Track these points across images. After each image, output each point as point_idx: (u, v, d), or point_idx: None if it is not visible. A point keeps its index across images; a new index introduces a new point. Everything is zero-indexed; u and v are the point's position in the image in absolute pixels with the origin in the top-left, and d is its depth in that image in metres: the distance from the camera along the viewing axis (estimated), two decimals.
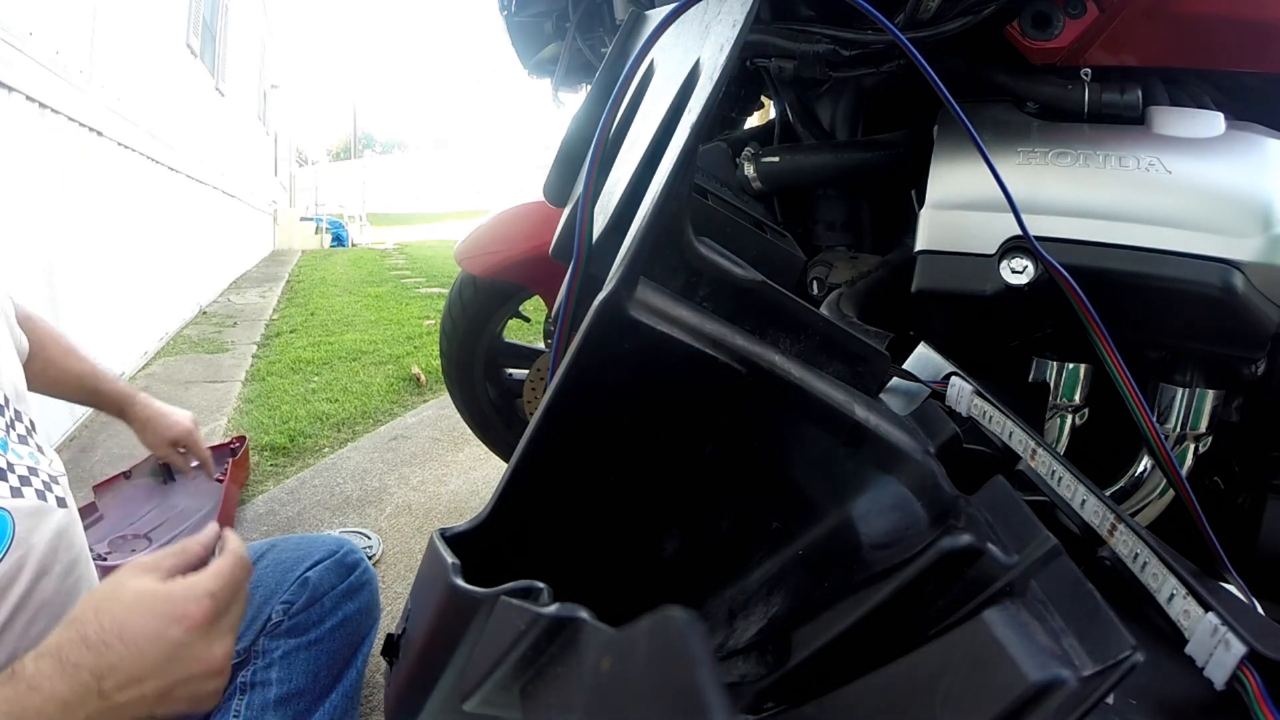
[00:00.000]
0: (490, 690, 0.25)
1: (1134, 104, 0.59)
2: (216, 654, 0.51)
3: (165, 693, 0.49)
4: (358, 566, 0.87)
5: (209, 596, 0.50)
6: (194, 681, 0.50)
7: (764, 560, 0.33)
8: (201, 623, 0.49)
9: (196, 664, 0.49)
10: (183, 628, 0.49)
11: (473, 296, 1.39)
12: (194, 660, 0.49)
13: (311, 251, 9.84)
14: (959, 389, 0.42)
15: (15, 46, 1.94)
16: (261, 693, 0.78)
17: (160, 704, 0.49)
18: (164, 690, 0.48)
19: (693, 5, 0.34)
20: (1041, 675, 0.21)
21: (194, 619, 0.49)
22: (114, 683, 0.47)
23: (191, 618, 0.49)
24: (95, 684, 0.46)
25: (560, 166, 0.47)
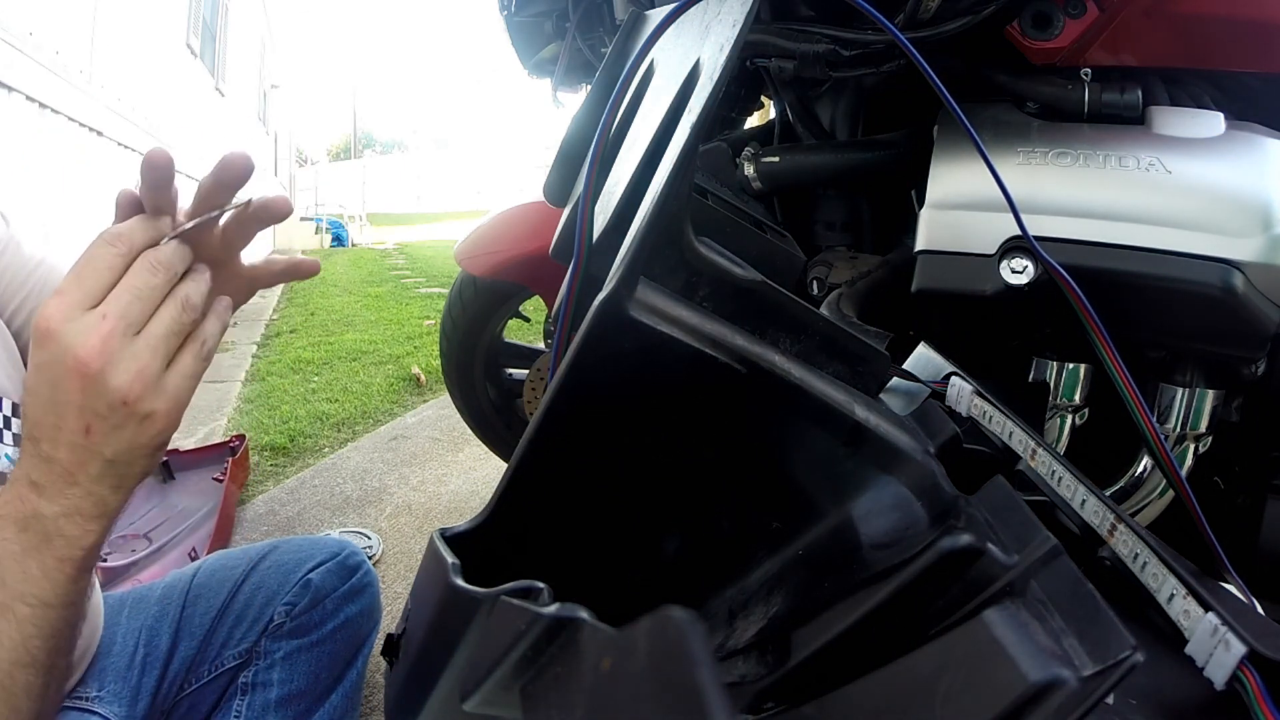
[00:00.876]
0: (490, 690, 0.25)
1: (1134, 104, 0.59)
2: (88, 349, 0.40)
3: (89, 429, 0.41)
4: (360, 568, 0.88)
5: (56, 295, 0.40)
6: (100, 401, 0.41)
7: (764, 560, 0.33)
8: (48, 328, 0.40)
9: (75, 374, 0.40)
10: (38, 344, 0.40)
11: (473, 296, 1.39)
12: (70, 371, 0.40)
13: (311, 251, 9.84)
14: (959, 389, 0.42)
15: (15, 46, 1.94)
16: (263, 693, 0.78)
17: (101, 445, 0.42)
18: (85, 425, 0.41)
19: (693, 5, 0.34)
20: (1041, 675, 0.21)
21: (40, 327, 0.40)
22: (45, 441, 0.41)
23: (39, 327, 0.40)
24: (36, 449, 0.42)
25: (560, 166, 0.47)
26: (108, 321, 0.41)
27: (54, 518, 0.42)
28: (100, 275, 0.42)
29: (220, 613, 0.79)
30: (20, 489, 0.42)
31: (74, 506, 0.43)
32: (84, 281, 0.42)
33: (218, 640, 0.79)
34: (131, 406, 0.42)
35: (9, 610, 0.42)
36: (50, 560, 0.43)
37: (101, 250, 0.42)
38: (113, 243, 0.42)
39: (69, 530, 0.43)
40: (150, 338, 0.43)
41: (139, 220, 0.44)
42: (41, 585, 0.43)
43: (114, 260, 0.42)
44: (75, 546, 0.43)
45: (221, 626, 0.79)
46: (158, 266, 0.43)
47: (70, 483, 0.42)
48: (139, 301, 0.42)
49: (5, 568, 0.42)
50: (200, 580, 0.81)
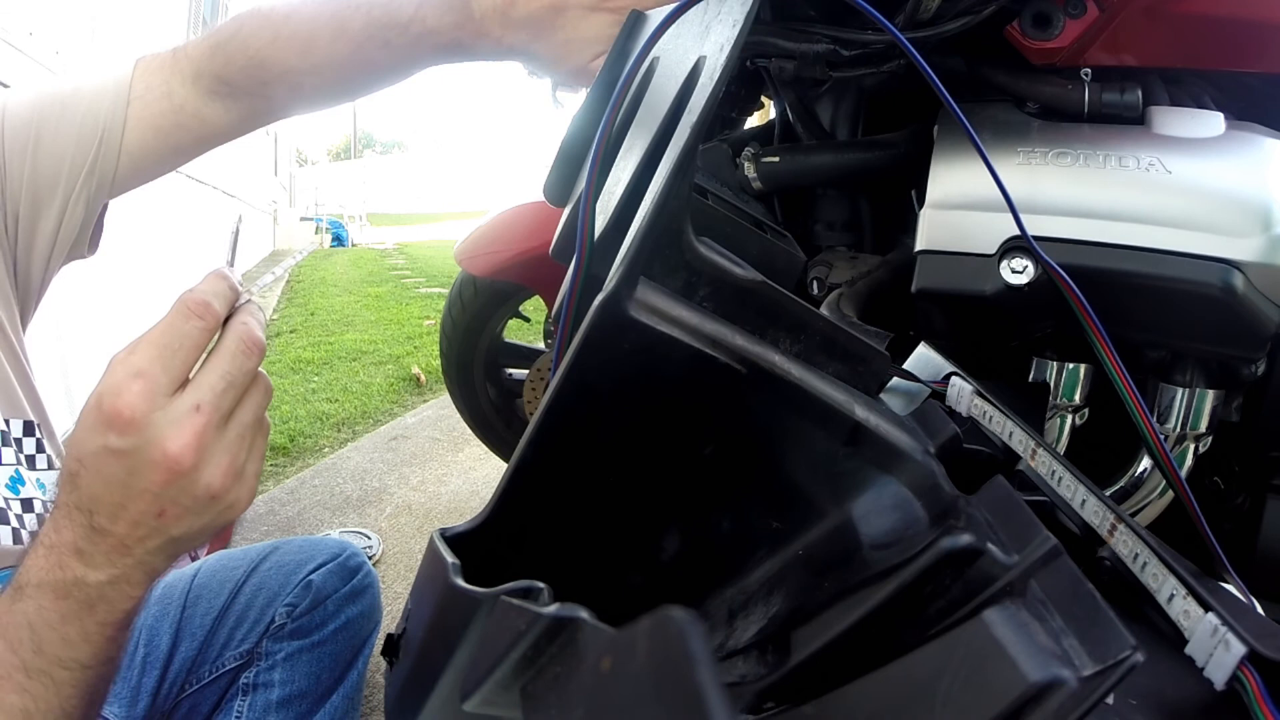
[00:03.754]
0: (490, 690, 0.25)
1: (1134, 104, 0.59)
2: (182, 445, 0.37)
3: (163, 513, 0.39)
4: (361, 569, 0.88)
5: (137, 378, 0.37)
6: (186, 494, 0.39)
7: (764, 560, 0.33)
8: (132, 417, 0.37)
9: (163, 469, 0.38)
10: (114, 431, 0.37)
11: (473, 296, 1.39)
12: (157, 465, 0.38)
13: (311, 251, 9.84)
14: (959, 389, 0.42)
15: (15, 46, 1.94)
16: (264, 694, 0.78)
17: (171, 527, 0.40)
18: (160, 510, 0.39)
19: (693, 5, 0.34)
20: (1041, 675, 0.21)
21: (123, 415, 0.37)
22: (103, 515, 0.39)
23: (120, 414, 0.37)
24: (88, 520, 0.39)
25: (560, 166, 0.47)
26: (202, 415, 0.38)
27: (98, 585, 0.40)
28: (187, 354, 0.39)
29: (221, 613, 0.80)
30: (61, 555, 0.40)
31: (123, 575, 0.40)
32: (169, 363, 0.38)
33: (218, 641, 0.79)
34: (219, 499, 0.40)
35: (47, 675, 0.40)
36: (91, 625, 0.40)
37: (188, 325, 0.39)
38: (201, 315, 0.39)
39: (113, 596, 0.40)
40: (241, 428, 0.40)
41: (218, 280, 0.41)
42: (81, 649, 0.40)
43: (200, 336, 0.39)
44: (117, 610, 0.41)
45: (222, 627, 0.79)
46: (251, 348, 0.40)
47: (124, 554, 0.40)
48: (232, 390, 0.39)
49: (42, 636, 0.40)
50: (201, 581, 0.82)
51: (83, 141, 0.61)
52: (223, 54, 0.62)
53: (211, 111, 0.64)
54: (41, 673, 0.40)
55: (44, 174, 0.60)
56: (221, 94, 0.63)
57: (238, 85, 0.63)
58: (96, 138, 0.61)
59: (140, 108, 0.62)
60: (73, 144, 0.61)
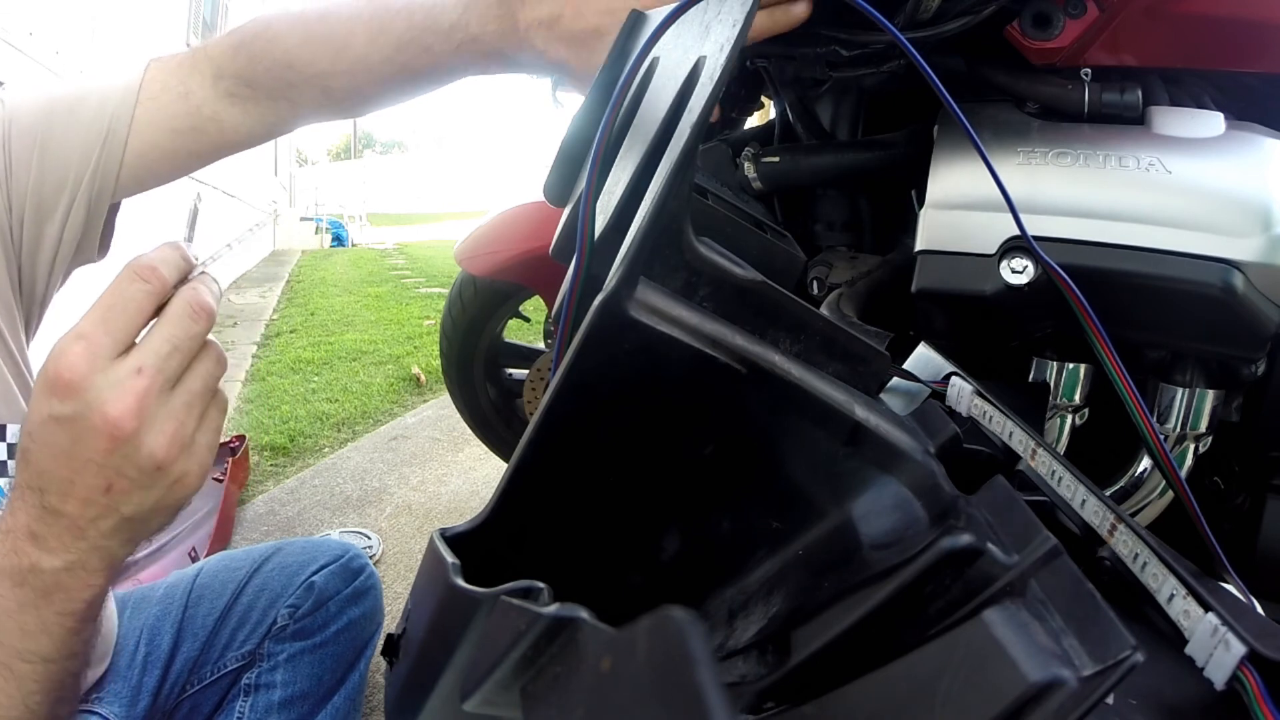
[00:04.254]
0: (490, 690, 0.25)
1: (1134, 104, 0.59)
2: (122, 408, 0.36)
3: (110, 487, 0.37)
4: (363, 571, 0.88)
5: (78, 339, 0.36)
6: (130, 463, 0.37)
7: (764, 560, 0.33)
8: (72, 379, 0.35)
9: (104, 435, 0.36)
10: (57, 395, 0.36)
11: (473, 296, 1.39)
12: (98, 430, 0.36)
13: (311, 251, 9.84)
14: (959, 389, 0.42)
15: (15, 46, 1.94)
16: (266, 695, 0.78)
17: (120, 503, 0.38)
18: (107, 483, 0.37)
19: (693, 5, 0.34)
20: (1041, 675, 0.21)
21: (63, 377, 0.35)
22: (53, 494, 0.37)
23: (61, 377, 0.35)
24: (40, 499, 0.38)
25: (560, 166, 0.47)
26: (143, 377, 0.37)
27: (54, 571, 0.39)
28: (131, 317, 0.37)
29: (223, 614, 0.80)
30: (16, 540, 0.39)
31: (78, 561, 0.39)
32: (112, 325, 0.37)
33: (220, 641, 0.79)
34: (164, 470, 0.38)
35: (6, 668, 0.39)
36: (50, 615, 0.39)
37: (132, 286, 0.38)
38: (146, 277, 0.38)
39: (70, 584, 0.39)
40: (188, 394, 0.39)
41: (169, 249, 0.40)
42: (40, 640, 0.39)
43: (145, 300, 0.38)
44: (77, 600, 0.40)
45: (224, 628, 0.79)
46: (199, 312, 0.39)
47: (77, 537, 0.39)
48: (177, 353, 0.38)
49: (1, 625, 0.39)
50: (203, 581, 0.82)
51: (87, 145, 0.59)
52: (246, 53, 0.60)
53: (231, 115, 0.61)
54: (1, 665, 0.39)
55: (50, 179, 0.59)
56: (243, 96, 0.61)
57: (261, 86, 0.60)
58: (100, 140, 0.59)
59: (154, 109, 0.60)
60: (78, 148, 0.59)
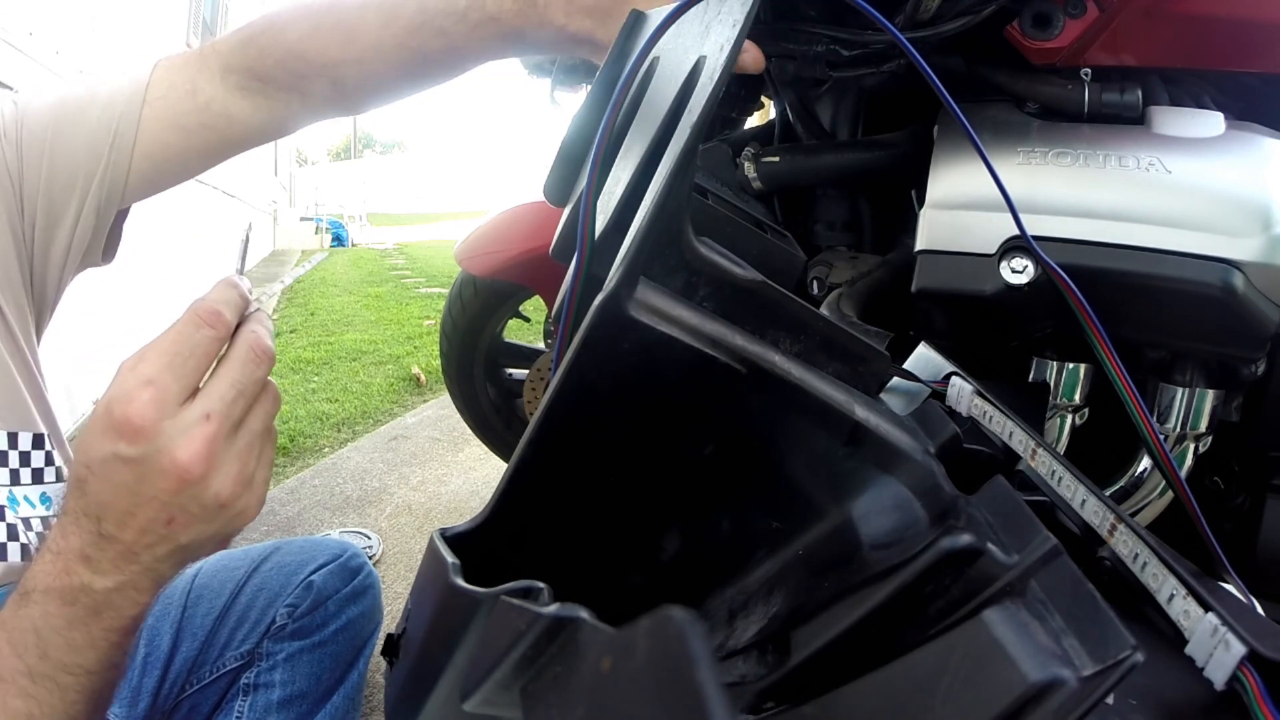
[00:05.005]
0: (490, 690, 0.25)
1: (1134, 104, 0.59)
2: (192, 454, 0.37)
3: (172, 520, 0.39)
4: (362, 570, 0.88)
5: (148, 385, 0.37)
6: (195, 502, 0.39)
7: (764, 560, 0.33)
8: (142, 426, 0.37)
9: (173, 478, 0.37)
10: (125, 439, 0.37)
11: (473, 296, 1.39)
12: (167, 473, 0.37)
13: (311, 251, 9.84)
14: (959, 389, 0.42)
15: (15, 46, 1.94)
16: (265, 694, 0.78)
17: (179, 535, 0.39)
18: (169, 518, 0.38)
19: (693, 5, 0.34)
20: (1041, 675, 0.21)
21: (133, 423, 0.37)
22: (111, 522, 0.38)
23: (130, 422, 0.37)
24: (96, 527, 0.39)
25: (560, 166, 0.47)
26: (212, 423, 0.38)
27: (105, 591, 0.40)
28: (199, 363, 0.38)
29: (222, 614, 0.80)
30: (68, 561, 0.39)
31: (129, 582, 0.40)
32: (180, 371, 0.38)
33: (219, 641, 0.79)
34: (228, 507, 0.40)
35: (52, 681, 0.40)
36: (97, 631, 0.40)
37: (199, 333, 0.39)
38: (211, 324, 0.39)
39: (119, 603, 0.40)
40: (250, 435, 0.40)
41: (229, 290, 0.41)
42: (86, 655, 0.40)
43: (211, 346, 0.39)
44: (124, 617, 0.41)
45: (223, 628, 0.79)
46: (261, 356, 0.40)
47: (131, 561, 0.39)
48: (242, 399, 0.39)
49: (48, 641, 0.40)
50: (201, 581, 0.82)
51: (95, 146, 0.59)
52: (255, 46, 0.59)
53: (240, 110, 0.60)
54: (46, 678, 0.40)
55: (60, 180, 0.59)
56: (253, 90, 0.60)
57: (272, 79, 0.59)
58: (108, 142, 0.59)
59: (162, 108, 0.60)
60: (86, 149, 0.59)
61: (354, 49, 0.57)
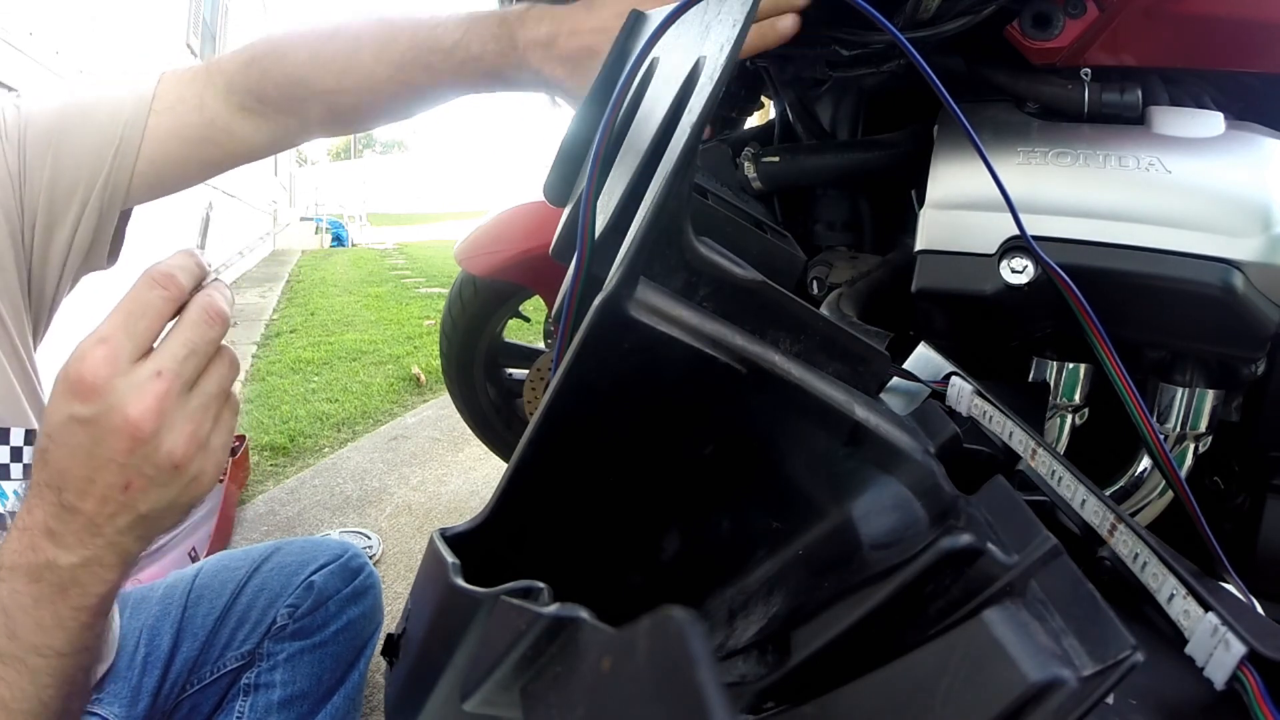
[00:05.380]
0: (490, 690, 0.25)
1: (1134, 104, 0.59)
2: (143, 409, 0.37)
3: (129, 485, 0.39)
4: (362, 570, 0.88)
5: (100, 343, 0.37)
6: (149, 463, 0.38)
7: (764, 560, 0.33)
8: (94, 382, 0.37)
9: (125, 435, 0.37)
10: (79, 398, 0.37)
11: (473, 296, 1.39)
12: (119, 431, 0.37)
13: (311, 251, 9.85)
14: (959, 389, 0.42)
15: (15, 46, 1.94)
16: (265, 694, 0.78)
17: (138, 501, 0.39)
18: (125, 482, 0.39)
19: (693, 5, 0.34)
20: (1041, 675, 0.21)
21: (85, 380, 0.37)
22: (71, 491, 0.39)
23: (83, 379, 0.37)
24: (57, 498, 0.39)
25: (560, 166, 0.47)
26: (163, 380, 0.38)
27: (70, 568, 0.40)
28: (150, 322, 0.39)
29: (223, 614, 0.80)
30: (33, 537, 0.40)
31: (94, 557, 0.40)
32: (133, 330, 0.38)
33: (220, 641, 0.79)
34: (181, 469, 0.40)
35: (21, 662, 0.40)
36: (65, 610, 0.40)
37: (150, 293, 0.39)
38: (164, 284, 0.39)
39: (85, 579, 0.40)
40: (204, 396, 0.40)
41: (184, 256, 0.41)
42: (55, 635, 0.40)
43: (163, 306, 0.39)
44: (91, 595, 0.41)
45: (224, 628, 0.79)
46: (214, 318, 0.40)
47: (94, 534, 0.40)
48: (194, 357, 0.40)
49: (16, 620, 0.39)
50: (202, 581, 0.82)
51: (100, 150, 0.60)
52: (258, 69, 0.61)
53: (242, 128, 0.63)
54: (16, 659, 0.40)
55: (62, 183, 0.60)
56: (254, 110, 0.63)
57: (271, 101, 0.62)
58: (113, 147, 0.60)
59: (169, 119, 0.61)
60: (90, 154, 0.60)
61: (349, 80, 0.60)
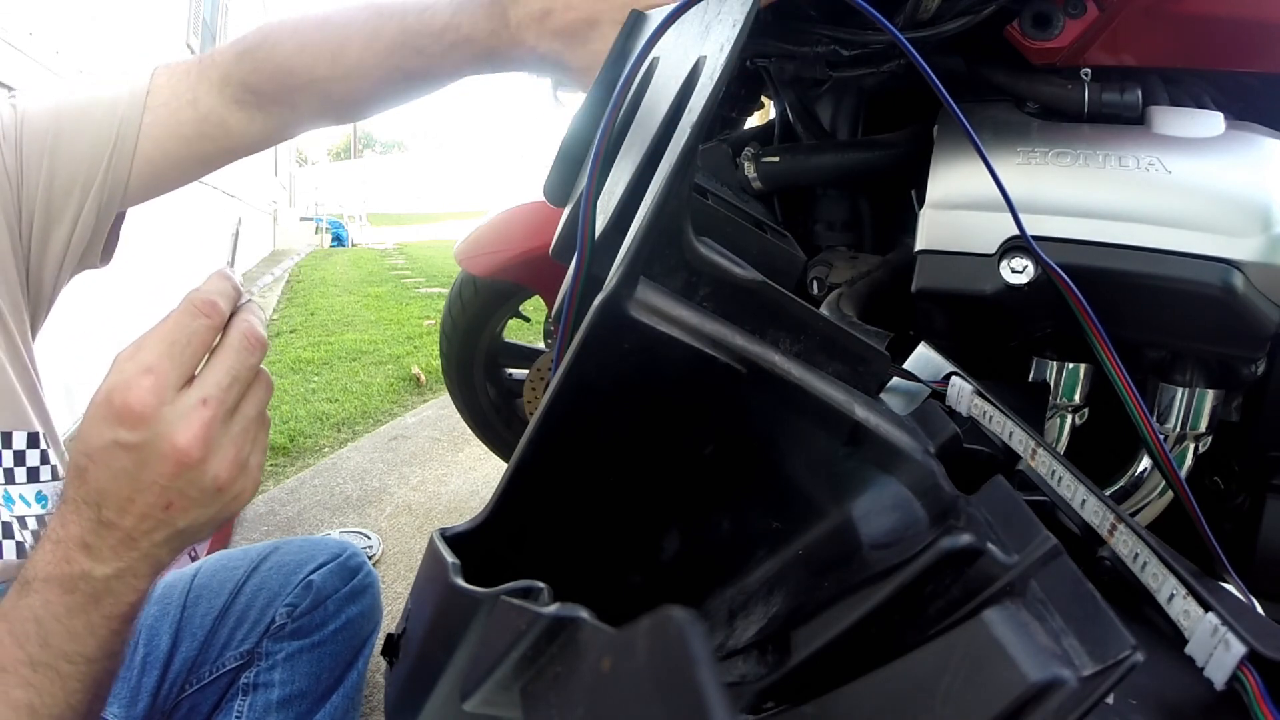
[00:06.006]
0: (490, 690, 0.25)
1: (1134, 104, 0.59)
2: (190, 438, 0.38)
3: (170, 505, 0.40)
4: (361, 569, 0.88)
5: (147, 373, 0.38)
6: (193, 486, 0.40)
7: (764, 560, 0.33)
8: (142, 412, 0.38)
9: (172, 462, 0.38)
10: (125, 425, 0.38)
11: (473, 296, 1.39)
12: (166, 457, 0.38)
13: (311, 251, 9.84)
14: (959, 389, 0.42)
15: (15, 46, 1.94)
16: (264, 694, 0.78)
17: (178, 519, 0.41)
18: (167, 502, 0.40)
19: (693, 5, 0.34)
20: (1041, 675, 0.21)
21: (133, 410, 0.38)
22: (111, 509, 0.40)
23: (130, 409, 0.38)
24: (96, 514, 0.40)
25: (560, 166, 0.47)
26: (209, 408, 0.39)
27: (104, 579, 0.41)
28: (196, 351, 0.40)
29: (221, 613, 0.80)
30: (67, 549, 0.40)
31: (128, 568, 0.41)
32: (178, 359, 0.39)
33: (219, 641, 0.79)
34: (224, 491, 0.41)
35: (53, 670, 0.40)
36: (97, 618, 0.41)
37: (195, 322, 0.40)
38: (207, 313, 0.40)
39: (119, 589, 0.41)
40: (245, 421, 0.42)
41: (222, 281, 0.42)
42: (86, 643, 0.41)
43: (207, 334, 0.40)
44: (123, 603, 0.42)
45: (222, 627, 0.79)
46: (255, 344, 0.42)
47: (130, 547, 0.41)
48: (237, 384, 0.41)
49: (49, 629, 0.40)
50: (201, 581, 0.82)
51: (97, 149, 0.60)
52: (250, 60, 0.61)
53: (237, 121, 0.63)
54: (47, 666, 0.40)
55: (60, 181, 0.60)
56: (248, 103, 0.62)
57: (264, 93, 0.62)
58: (110, 146, 0.60)
59: (165, 114, 0.61)
60: (88, 151, 0.60)
61: (340, 67, 0.59)
